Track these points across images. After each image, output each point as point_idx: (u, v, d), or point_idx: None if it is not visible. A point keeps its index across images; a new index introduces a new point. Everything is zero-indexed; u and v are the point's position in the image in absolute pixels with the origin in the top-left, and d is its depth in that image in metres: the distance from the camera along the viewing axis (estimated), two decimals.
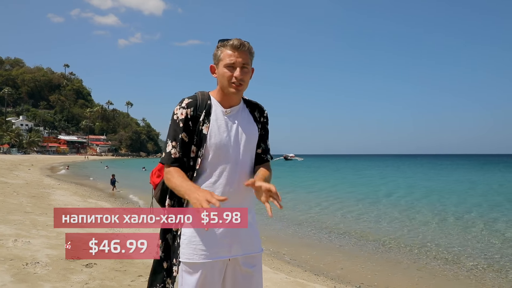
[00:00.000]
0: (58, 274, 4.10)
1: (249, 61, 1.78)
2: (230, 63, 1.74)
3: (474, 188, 24.44)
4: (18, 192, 12.12)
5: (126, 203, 14.65)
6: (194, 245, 1.74)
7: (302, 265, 7.15)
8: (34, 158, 66.17)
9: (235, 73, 1.74)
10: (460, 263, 7.65)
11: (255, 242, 1.86)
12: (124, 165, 63.62)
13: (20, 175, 22.03)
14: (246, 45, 1.76)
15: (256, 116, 1.92)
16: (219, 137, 1.77)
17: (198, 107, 1.80)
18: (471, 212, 14.34)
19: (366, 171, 51.62)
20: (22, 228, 6.33)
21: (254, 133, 1.87)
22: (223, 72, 1.76)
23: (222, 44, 1.77)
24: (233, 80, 1.75)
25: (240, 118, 1.85)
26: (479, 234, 10.39)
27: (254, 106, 1.94)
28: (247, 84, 1.80)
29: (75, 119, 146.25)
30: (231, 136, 1.80)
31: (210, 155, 1.77)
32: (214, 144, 1.77)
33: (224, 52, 1.75)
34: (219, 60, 1.78)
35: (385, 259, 7.88)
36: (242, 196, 1.80)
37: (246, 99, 1.94)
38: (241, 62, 1.74)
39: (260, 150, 1.93)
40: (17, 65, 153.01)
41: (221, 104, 1.84)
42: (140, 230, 7.38)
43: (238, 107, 1.86)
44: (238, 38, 1.76)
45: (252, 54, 1.80)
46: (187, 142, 1.78)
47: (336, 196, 19.72)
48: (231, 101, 1.84)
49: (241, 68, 1.74)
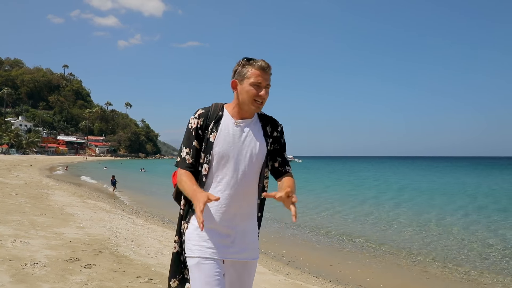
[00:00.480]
0: (57, 274, 4.10)
1: (270, 82, 1.92)
2: (257, 82, 1.86)
3: (471, 190, 24.48)
4: (17, 193, 12.11)
5: (124, 204, 14.64)
6: (193, 241, 1.89)
7: (301, 267, 7.16)
8: (33, 158, 66.10)
9: (261, 93, 1.87)
10: (458, 265, 7.66)
11: (252, 249, 1.96)
12: (122, 166, 63.53)
13: (19, 175, 22.01)
14: (271, 68, 1.91)
15: (268, 131, 2.00)
16: (223, 146, 1.89)
17: (209, 117, 1.95)
18: (468, 214, 14.37)
19: (361, 173, 51.64)
20: (21, 228, 6.33)
21: (262, 147, 1.94)
22: (249, 89, 1.87)
23: (249, 63, 1.89)
24: (257, 98, 1.87)
25: (249, 130, 1.94)
26: (477, 236, 10.41)
27: (268, 120, 2.03)
28: (266, 101, 1.94)
29: (74, 120, 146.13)
30: (236, 147, 1.90)
31: (214, 162, 1.90)
32: (218, 152, 1.89)
33: (252, 71, 1.87)
34: (244, 77, 1.89)
35: (384, 262, 7.89)
36: (240, 204, 1.91)
37: (261, 114, 2.03)
38: (267, 83, 1.89)
39: (277, 164, 2.01)
40: (17, 66, 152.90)
41: (233, 116, 1.95)
42: (140, 232, 7.36)
43: (250, 120, 1.96)
44: (264, 60, 1.91)
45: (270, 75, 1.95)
46: (198, 149, 1.93)
47: (334, 198, 19.73)
48: (245, 114, 1.95)
49: (265, 88, 1.88)
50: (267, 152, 1.97)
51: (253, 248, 1.97)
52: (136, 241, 6.73)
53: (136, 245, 6.39)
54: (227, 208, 1.89)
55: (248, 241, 1.95)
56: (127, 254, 5.52)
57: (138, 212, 12.47)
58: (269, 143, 1.98)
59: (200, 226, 1.61)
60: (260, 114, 2.03)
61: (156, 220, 11.26)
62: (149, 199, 17.66)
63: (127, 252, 5.62)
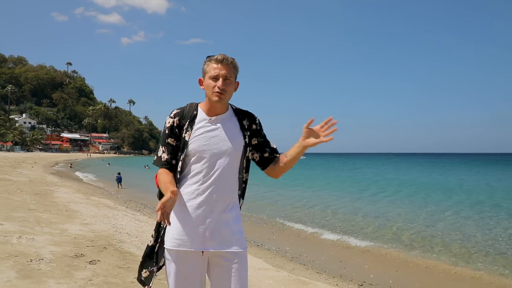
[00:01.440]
0: (62, 270, 4.13)
1: (232, 74, 1.95)
2: (214, 75, 1.92)
3: (467, 186, 24.41)
4: (22, 190, 12.18)
5: (128, 201, 14.70)
6: (170, 234, 1.95)
7: (305, 263, 7.17)
8: (37, 155, 66.36)
9: (218, 83, 1.91)
10: (464, 261, 7.64)
11: (235, 239, 1.96)
12: (126, 163, 63.69)
13: (23, 172, 22.12)
14: (229, 60, 1.95)
15: (245, 124, 2.04)
16: (197, 143, 1.95)
17: (184, 116, 2.01)
18: (465, 210, 14.34)
19: (367, 169, 51.57)
20: (26, 225, 6.37)
21: (238, 140, 1.99)
22: (208, 83, 1.94)
23: (209, 59, 1.96)
24: (216, 89, 1.91)
25: (224, 126, 1.99)
26: (481, 231, 10.39)
27: (244, 114, 2.07)
28: (229, 94, 1.97)
29: (77, 117, 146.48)
30: (211, 143, 1.95)
31: (190, 159, 1.96)
32: (193, 149, 1.94)
33: (210, 66, 1.95)
34: (205, 72, 1.97)
35: (388, 258, 7.89)
36: (218, 197, 1.94)
37: (236, 109, 2.08)
38: (224, 74, 1.92)
39: (267, 154, 2.07)
40: (20, 63, 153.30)
41: (207, 113, 2.01)
42: (144, 228, 7.39)
43: (224, 115, 2.01)
44: (223, 53, 1.96)
45: (236, 68, 1.99)
46: (175, 146, 2.00)
47: (339, 194, 19.72)
48: (216, 110, 1.99)
49: (223, 79, 1.92)
50: (245, 145, 2.00)
51: (237, 239, 1.97)
52: (140, 238, 6.76)
53: (140, 241, 6.41)
54: (205, 201, 1.92)
55: (229, 232, 1.95)
56: (131, 250, 5.54)
57: (142, 209, 12.52)
58: (246, 136, 2.02)
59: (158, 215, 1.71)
60: (236, 108, 2.07)
61: None
62: (153, 196, 17.69)
63: (131, 248, 5.65)
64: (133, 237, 6.69)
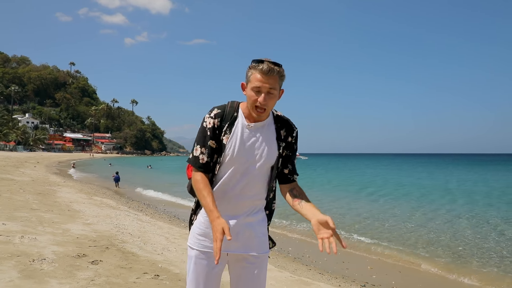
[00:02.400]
0: (65, 270, 4.12)
1: (277, 86, 1.83)
2: (257, 86, 1.80)
3: (465, 187, 24.34)
4: (24, 189, 12.20)
5: (131, 201, 14.71)
6: (195, 232, 1.97)
7: (307, 263, 7.15)
8: (40, 155, 66.52)
9: (260, 98, 1.80)
10: (466, 262, 7.61)
11: (258, 242, 1.96)
12: (128, 163, 63.78)
13: (26, 172, 22.17)
14: (275, 70, 1.80)
15: (282, 134, 1.97)
16: (234, 148, 1.89)
17: (224, 118, 1.93)
18: (465, 211, 14.29)
19: (372, 169, 51.48)
20: (29, 225, 6.37)
21: (273, 150, 1.93)
22: (250, 95, 1.83)
23: (253, 66, 1.82)
24: (257, 104, 1.82)
25: (262, 133, 1.92)
26: (486, 234, 10.34)
27: (283, 123, 1.99)
28: (271, 108, 1.87)
29: (80, 117, 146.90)
30: (247, 149, 1.90)
31: (225, 164, 1.92)
32: (229, 154, 1.89)
33: (254, 75, 1.81)
34: (248, 81, 1.85)
35: (391, 259, 7.86)
36: (246, 203, 1.94)
37: (277, 116, 2.00)
38: (268, 88, 1.80)
39: (286, 171, 2.00)
40: (23, 63, 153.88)
41: (247, 117, 1.93)
42: (146, 228, 7.38)
43: (264, 122, 1.93)
44: (270, 60, 1.81)
45: (283, 78, 1.86)
46: (215, 148, 1.93)
47: (343, 195, 19.69)
48: (255, 117, 1.91)
49: (266, 94, 1.80)
50: (278, 155, 1.95)
51: (260, 242, 1.97)
52: (143, 238, 6.76)
53: (143, 241, 6.41)
54: (233, 206, 1.92)
55: (253, 235, 1.95)
56: (133, 250, 5.54)
57: (144, 209, 12.52)
58: (281, 147, 1.96)
59: (216, 258, 1.63)
60: (278, 115, 2.00)
61: (163, 216, 11.30)
62: (155, 196, 17.72)
63: (133, 249, 5.64)
64: (135, 237, 6.68)
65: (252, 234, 1.95)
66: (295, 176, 2.03)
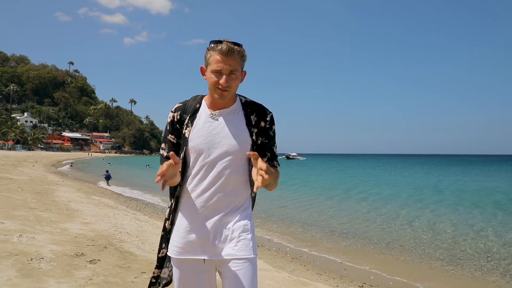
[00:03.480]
0: (63, 269, 4.13)
1: (238, 67, 1.70)
2: (217, 69, 1.67)
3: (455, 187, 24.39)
4: (23, 188, 12.19)
5: (129, 200, 14.70)
6: (172, 241, 1.84)
7: (305, 264, 7.16)
8: (38, 154, 66.41)
9: (221, 80, 1.67)
10: (463, 262, 7.63)
11: (241, 245, 1.75)
12: (123, 163, 63.74)
13: (24, 171, 22.14)
14: (236, 50, 1.68)
15: (252, 120, 1.79)
16: (197, 140, 1.76)
17: (186, 110, 1.82)
18: (468, 214, 14.32)
19: (369, 170, 51.54)
20: (27, 224, 6.37)
21: (243, 137, 1.76)
22: (210, 77, 1.70)
23: (212, 47, 1.69)
24: (219, 86, 1.69)
25: (228, 121, 1.77)
26: (480, 236, 10.37)
27: (254, 108, 1.82)
28: (234, 89, 1.73)
29: (79, 116, 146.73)
30: (212, 140, 1.75)
31: (191, 158, 1.79)
32: (192, 147, 1.77)
33: (213, 57, 1.68)
34: (207, 63, 1.72)
35: (388, 260, 7.87)
36: (221, 199, 1.76)
37: (245, 101, 1.83)
38: (229, 69, 1.67)
39: (265, 159, 1.81)
40: (22, 62, 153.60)
41: (210, 107, 1.80)
42: (144, 228, 7.36)
43: (229, 109, 1.78)
44: (229, 40, 1.68)
45: (244, 58, 1.73)
46: (175, 143, 1.83)
47: (341, 196, 19.70)
48: (219, 104, 1.78)
49: (228, 75, 1.68)
50: (252, 143, 1.76)
51: (242, 245, 1.75)
52: (141, 237, 6.76)
53: (141, 241, 6.41)
54: (205, 205, 1.76)
55: (234, 237, 1.75)
56: (131, 250, 5.54)
57: (142, 208, 12.52)
58: (253, 133, 1.77)
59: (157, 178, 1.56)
60: (246, 101, 1.83)
61: (161, 216, 11.29)
62: (153, 195, 17.72)
63: (131, 248, 5.65)
64: (133, 236, 6.69)
65: (231, 236, 1.76)
66: (274, 163, 1.82)
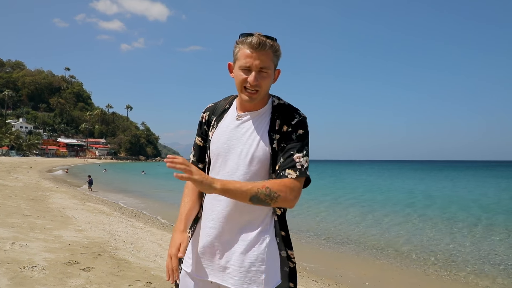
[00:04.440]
0: (56, 278, 4.09)
1: (270, 64, 1.49)
2: (246, 65, 1.47)
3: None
4: (16, 195, 12.10)
5: (124, 207, 14.63)
6: (187, 255, 1.65)
7: (300, 270, 7.14)
8: (33, 160, 66.03)
9: (249, 78, 1.47)
10: (457, 268, 7.63)
11: (251, 278, 1.49)
12: (118, 169, 63.49)
13: (18, 177, 21.99)
14: (267, 44, 1.47)
15: (276, 124, 1.54)
16: (217, 143, 1.58)
17: (215, 111, 1.66)
18: (465, 220, 14.36)
19: (363, 176, 51.62)
20: (20, 231, 6.32)
21: (262, 144, 1.52)
22: (238, 75, 1.50)
23: (241, 41, 1.49)
24: (247, 85, 1.49)
25: (253, 125, 1.55)
26: (472, 239, 10.40)
27: (282, 111, 1.57)
28: (265, 90, 1.52)
29: (74, 122, 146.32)
30: (231, 144, 1.55)
31: (211, 162, 1.61)
32: (212, 151, 1.60)
33: (242, 51, 1.48)
34: (235, 59, 1.52)
35: (384, 266, 7.86)
36: (226, 213, 1.53)
37: (280, 103, 1.60)
38: (258, 66, 1.46)
39: (277, 166, 1.52)
40: (18, 68, 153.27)
41: (239, 108, 1.60)
42: (139, 235, 7.32)
43: (258, 112, 1.57)
44: (261, 33, 1.48)
45: (278, 54, 1.53)
46: (202, 146, 1.68)
47: (337, 202, 19.71)
48: (248, 106, 1.56)
49: (257, 73, 1.47)
50: (272, 152, 1.51)
51: (254, 278, 1.49)
52: (136, 244, 6.72)
53: (136, 248, 6.37)
54: (216, 219, 1.55)
55: (236, 260, 1.51)
56: (126, 257, 5.50)
57: (137, 215, 12.45)
58: (274, 140, 1.51)
59: (168, 277, 1.55)
60: (279, 104, 1.59)
61: (156, 223, 11.24)
62: (149, 202, 17.64)
63: (126, 256, 5.61)
64: (128, 244, 6.64)
65: (238, 262, 1.50)
66: (286, 172, 1.47)
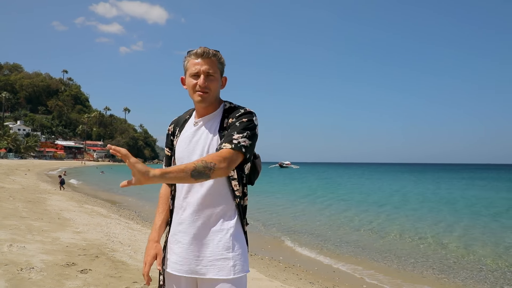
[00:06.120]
0: (53, 279, 4.09)
1: (216, 69, 1.70)
2: (194, 71, 1.68)
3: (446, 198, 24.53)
4: (14, 197, 12.08)
5: (122, 209, 14.61)
6: (165, 254, 1.80)
7: (298, 272, 7.14)
8: (31, 163, 65.86)
9: (199, 81, 1.67)
10: (455, 272, 7.66)
11: (221, 266, 1.66)
12: (116, 171, 63.36)
13: (16, 180, 21.94)
14: (211, 52, 1.69)
15: (224, 123, 1.72)
16: (179, 148, 1.77)
17: (178, 123, 1.86)
18: (461, 222, 14.40)
19: (365, 180, 51.65)
20: (18, 233, 6.31)
21: (215, 142, 1.69)
22: (189, 82, 1.71)
23: (189, 54, 1.72)
24: (197, 88, 1.68)
25: (207, 128, 1.73)
26: (471, 245, 10.42)
27: (231, 111, 1.74)
28: (214, 92, 1.71)
29: (72, 125, 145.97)
30: (191, 147, 1.72)
31: None
32: (177, 157, 1.78)
33: (190, 61, 1.71)
34: (186, 70, 1.74)
35: (381, 268, 7.88)
36: (193, 210, 1.69)
37: (231, 106, 1.77)
38: (206, 71, 1.67)
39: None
40: (16, 71, 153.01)
41: (196, 116, 1.78)
42: (137, 237, 7.33)
43: (210, 116, 1.75)
44: (204, 47, 1.71)
45: (222, 63, 1.74)
46: (170, 156, 1.87)
47: (336, 205, 19.71)
48: (202, 112, 1.75)
49: (206, 76, 1.67)
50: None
51: (223, 266, 1.66)
52: (133, 246, 6.72)
53: (133, 250, 6.37)
54: (185, 217, 1.70)
55: (207, 252, 1.67)
56: (123, 259, 5.51)
57: (135, 217, 12.44)
58: (223, 137, 1.68)
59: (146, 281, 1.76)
60: (230, 107, 1.77)
61: None
62: (145, 204, 17.61)
63: (123, 257, 5.61)
64: (125, 245, 6.65)
65: (212, 254, 1.67)
66: (221, 146, 1.61)
